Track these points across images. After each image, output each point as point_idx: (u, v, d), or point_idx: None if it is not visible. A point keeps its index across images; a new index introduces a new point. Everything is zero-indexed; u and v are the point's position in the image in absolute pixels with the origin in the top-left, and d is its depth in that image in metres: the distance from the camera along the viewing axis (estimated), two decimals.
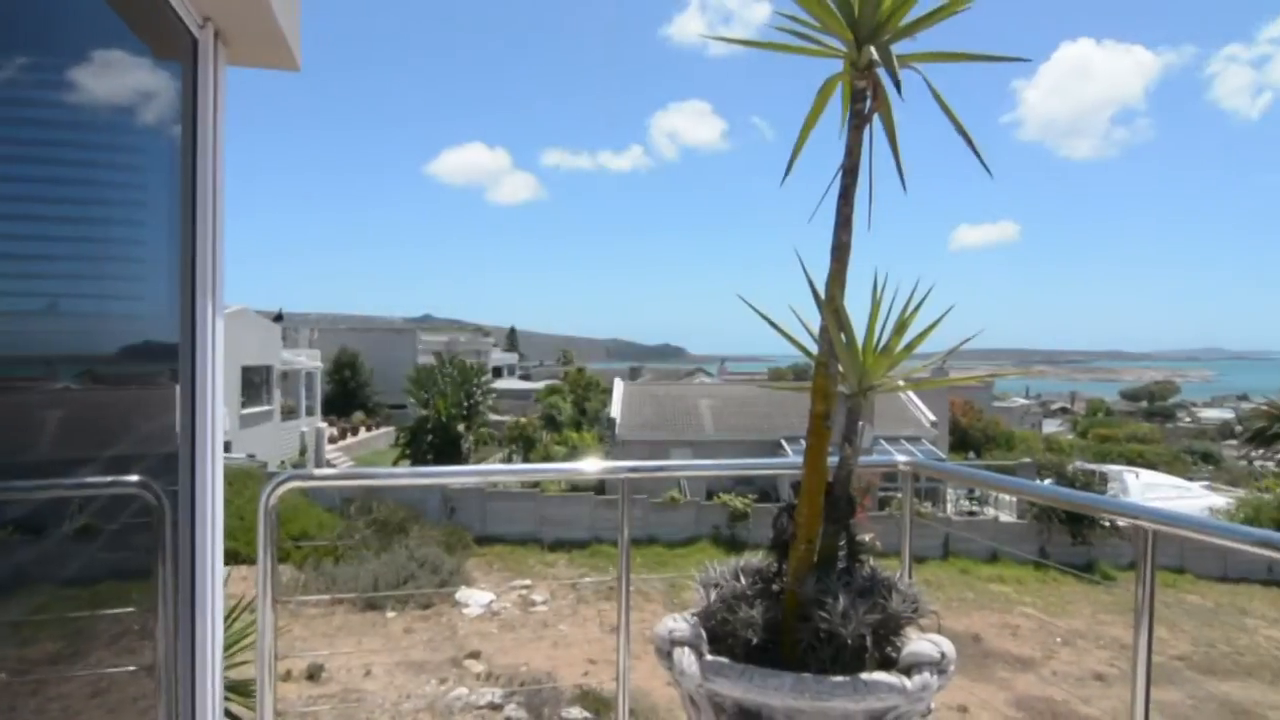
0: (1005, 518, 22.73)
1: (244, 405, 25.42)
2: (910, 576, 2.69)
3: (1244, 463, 42.80)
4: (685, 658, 1.70)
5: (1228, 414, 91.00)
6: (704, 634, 1.80)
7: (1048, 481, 24.04)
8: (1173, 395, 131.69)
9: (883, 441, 24.24)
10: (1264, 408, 43.42)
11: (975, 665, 14.06)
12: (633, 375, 47.65)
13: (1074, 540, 21.06)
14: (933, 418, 26.54)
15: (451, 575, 16.61)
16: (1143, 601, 1.87)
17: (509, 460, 29.25)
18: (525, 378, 65.23)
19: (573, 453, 26.74)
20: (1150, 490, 25.21)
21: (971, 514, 23.49)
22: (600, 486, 21.03)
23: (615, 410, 26.94)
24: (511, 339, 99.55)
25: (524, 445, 29.25)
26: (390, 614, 14.85)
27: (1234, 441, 52.29)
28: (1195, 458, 46.24)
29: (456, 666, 12.43)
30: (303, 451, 28.82)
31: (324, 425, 29.86)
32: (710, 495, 23.07)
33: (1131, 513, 1.99)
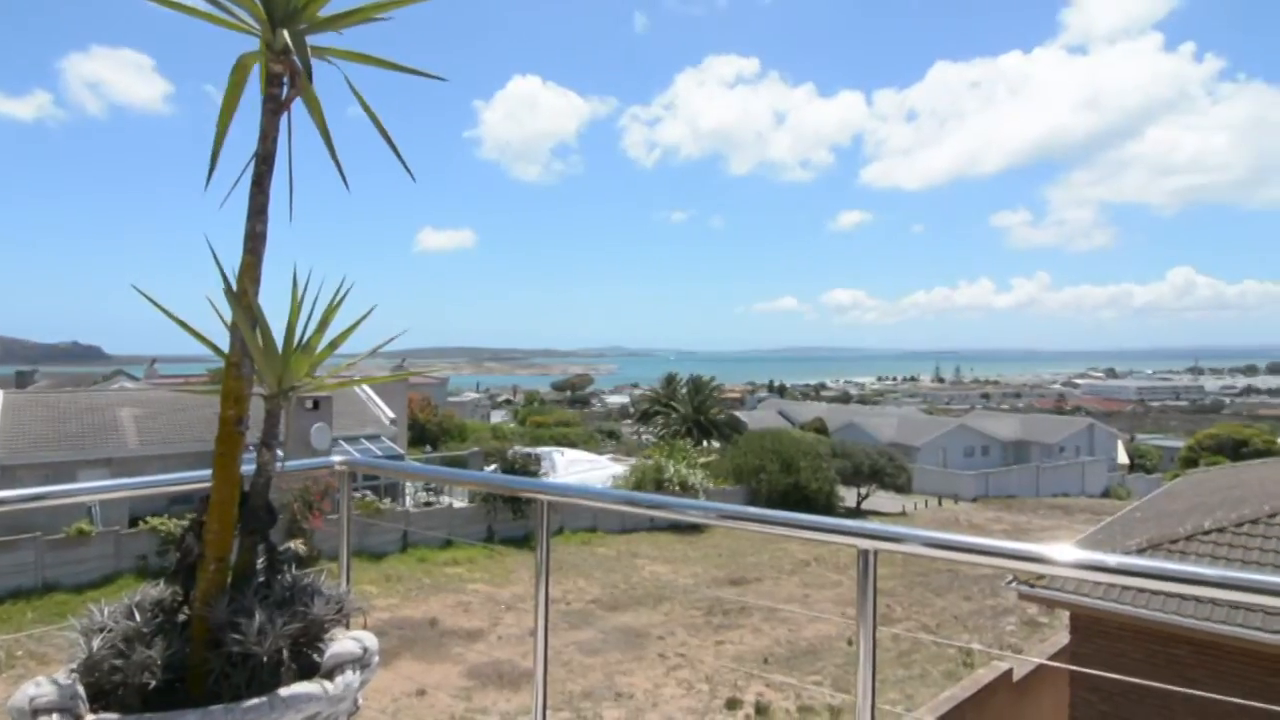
0: (458, 504, 24.42)
1: None
2: (349, 575, 2.68)
3: (636, 437, 54.11)
4: None
5: (625, 399, 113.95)
6: (83, 691, 1.49)
7: (492, 467, 26.65)
8: (589, 385, 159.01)
9: (342, 442, 23.76)
10: (649, 393, 55.72)
11: (433, 647, 14.80)
12: (21, 382, 37.42)
13: (515, 516, 23.74)
14: (392, 415, 27.01)
15: None
16: (541, 561, 2.19)
17: None
18: None
19: None
20: (573, 465, 29.95)
21: (429, 504, 24.62)
22: None
23: None
24: None
25: None
26: None
27: (629, 421, 65.66)
28: (604, 435, 56.70)
29: None
30: None
31: None
32: (135, 521, 19.55)
33: (534, 489, 2.30)
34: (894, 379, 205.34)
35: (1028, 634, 16.47)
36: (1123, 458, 56.81)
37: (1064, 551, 1.67)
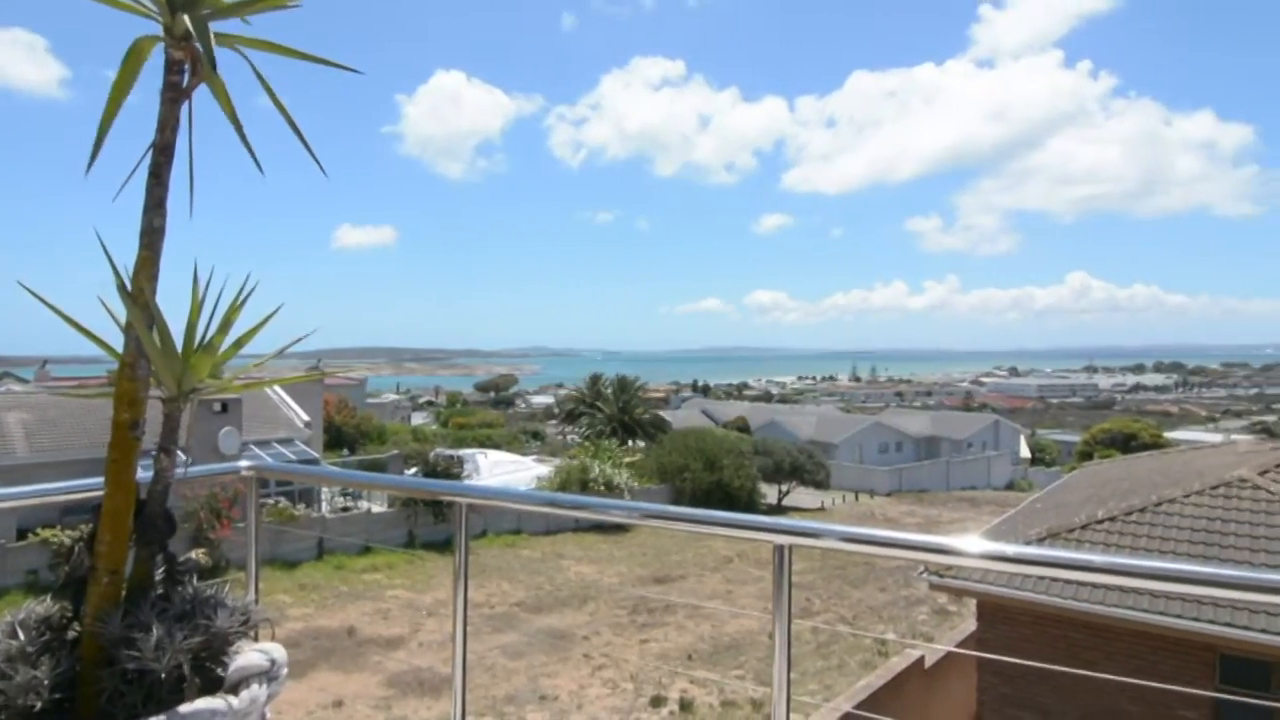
0: (377, 508, 23.79)
1: None
2: (257, 585, 2.57)
3: (561, 437, 53.87)
4: None
5: (549, 399, 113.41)
6: None
7: (412, 470, 26.06)
8: (513, 386, 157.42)
9: (253, 446, 22.82)
10: (574, 394, 55.55)
11: (350, 658, 14.38)
12: None
13: (436, 520, 23.27)
14: (306, 418, 26.11)
15: None
16: (460, 565, 2.15)
17: None
18: None
19: None
20: (496, 467, 29.57)
21: (346, 509, 23.90)
22: None
23: None
24: None
25: None
26: None
27: (554, 421, 65.30)
28: (528, 436, 56.31)
29: None
30: None
31: None
32: (24, 533, 18.29)
33: (452, 492, 2.26)
34: (813, 378, 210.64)
35: (939, 622, 17.15)
36: (1025, 452, 59.87)
37: (971, 543, 1.75)
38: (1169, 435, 57.16)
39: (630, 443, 41.65)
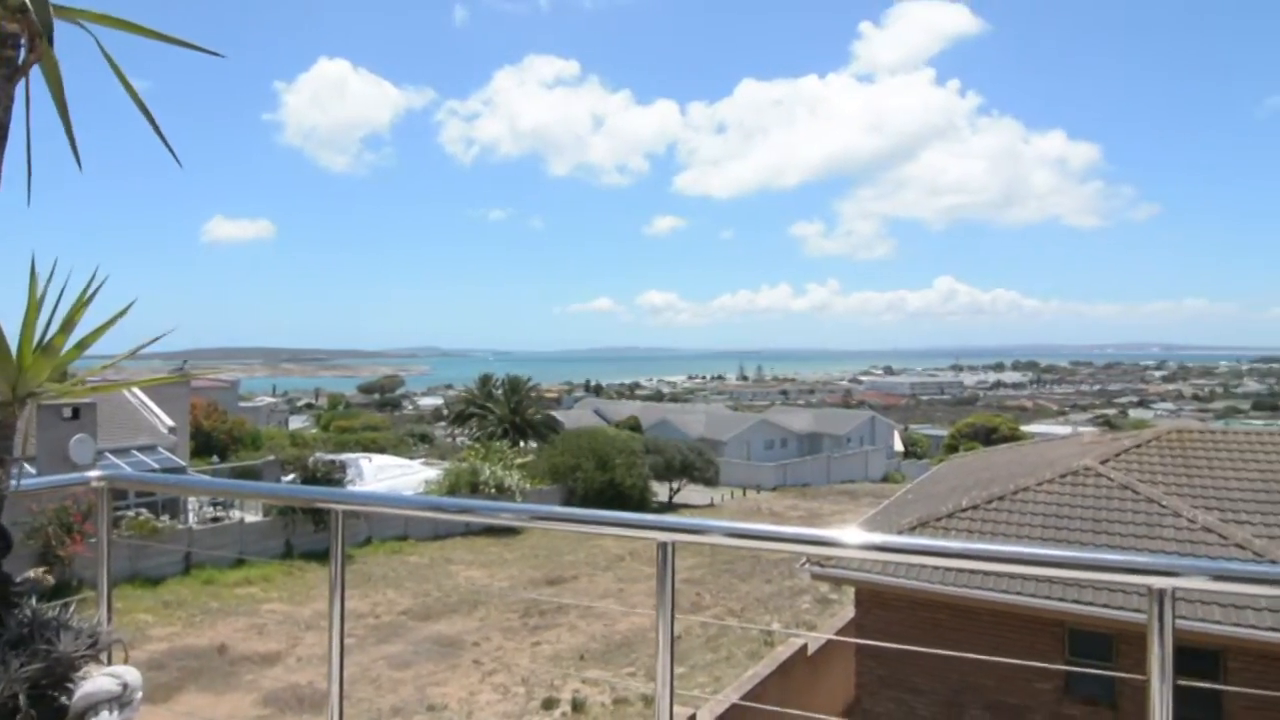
0: (251, 518, 22.50)
1: None
2: (110, 604, 2.39)
3: (450, 440, 52.69)
4: None
5: (438, 401, 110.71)
6: None
7: (290, 477, 24.82)
8: (399, 387, 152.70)
9: (110, 455, 21.11)
10: (464, 394, 54.38)
11: (221, 677, 13.55)
12: None
13: (317, 529, 22.23)
14: (171, 423, 24.39)
15: None
16: (336, 575, 2.07)
17: None
18: None
19: None
20: (381, 471, 28.60)
21: (216, 520, 22.49)
22: None
23: None
24: None
25: None
26: None
27: (443, 423, 63.74)
28: (416, 439, 54.76)
29: None
30: None
31: None
32: None
33: (326, 498, 2.17)
34: (703, 378, 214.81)
35: (821, 611, 17.88)
36: (899, 446, 63.29)
37: (849, 534, 1.83)
38: (1025, 428, 61.80)
39: (522, 444, 41.19)
